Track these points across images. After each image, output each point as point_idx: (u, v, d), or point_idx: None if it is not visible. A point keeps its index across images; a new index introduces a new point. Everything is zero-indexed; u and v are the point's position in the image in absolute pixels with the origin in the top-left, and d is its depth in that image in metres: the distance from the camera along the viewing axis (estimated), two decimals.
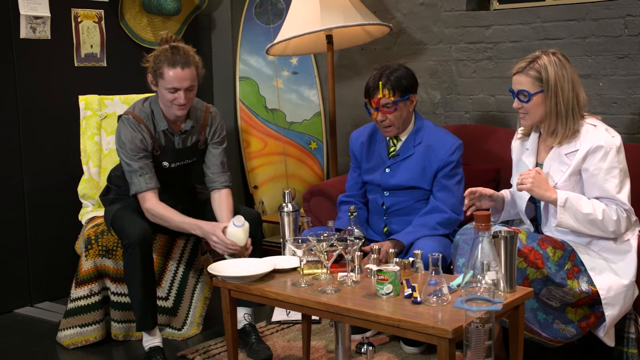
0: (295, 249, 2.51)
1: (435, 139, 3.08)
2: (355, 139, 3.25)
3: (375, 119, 3.03)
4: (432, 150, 3.05)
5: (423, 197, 3.10)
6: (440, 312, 2.18)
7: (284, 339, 3.26)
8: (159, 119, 3.07)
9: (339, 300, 2.33)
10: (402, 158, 3.09)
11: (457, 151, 3.06)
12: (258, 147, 4.61)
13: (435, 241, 2.94)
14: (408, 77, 3.04)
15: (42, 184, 3.91)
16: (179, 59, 2.96)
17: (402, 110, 3.03)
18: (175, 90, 2.97)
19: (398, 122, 3.04)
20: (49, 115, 3.92)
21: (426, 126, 3.12)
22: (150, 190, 3.01)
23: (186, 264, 3.46)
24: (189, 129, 3.12)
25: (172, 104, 3.00)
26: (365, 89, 3.05)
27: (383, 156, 3.13)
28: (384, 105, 3.01)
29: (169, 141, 3.11)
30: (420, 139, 3.09)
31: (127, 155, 3.02)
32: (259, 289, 2.51)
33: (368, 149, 3.19)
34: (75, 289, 3.29)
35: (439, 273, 2.25)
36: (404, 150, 3.10)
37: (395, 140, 3.12)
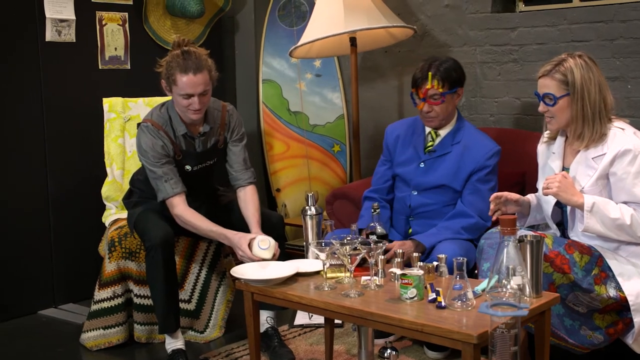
0: (318, 253, 2.51)
1: (474, 140, 3.07)
2: (390, 131, 3.25)
3: (421, 109, 3.04)
4: (470, 151, 3.04)
5: (451, 201, 3.09)
6: (464, 317, 2.17)
7: (307, 342, 3.26)
8: (177, 124, 3.08)
9: (362, 304, 2.33)
10: (438, 155, 3.08)
11: (495, 157, 3.04)
12: (281, 149, 4.62)
13: (458, 245, 2.93)
14: (457, 69, 3.06)
15: (66, 186, 3.95)
16: (191, 64, 2.94)
17: (449, 103, 3.04)
18: (189, 96, 2.97)
19: (443, 115, 3.04)
20: (73, 118, 3.96)
21: (467, 127, 3.12)
22: (177, 195, 3.02)
23: (209, 266, 3.48)
24: (207, 130, 3.13)
25: (187, 109, 3.00)
26: (412, 80, 3.06)
27: (419, 150, 3.13)
28: (432, 96, 3.01)
29: (189, 145, 3.12)
30: (459, 138, 3.08)
31: (150, 162, 3.04)
32: (282, 292, 2.51)
33: (404, 142, 3.18)
34: (99, 291, 3.32)
35: (463, 277, 2.24)
36: (442, 147, 3.09)
37: (434, 135, 3.11)
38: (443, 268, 2.58)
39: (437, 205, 3.10)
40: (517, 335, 1.99)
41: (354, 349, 3.13)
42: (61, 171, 3.93)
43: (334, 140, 4.60)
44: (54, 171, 3.91)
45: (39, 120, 3.85)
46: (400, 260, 2.59)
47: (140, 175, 3.26)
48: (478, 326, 2.09)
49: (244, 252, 2.85)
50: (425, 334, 2.16)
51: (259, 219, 3.07)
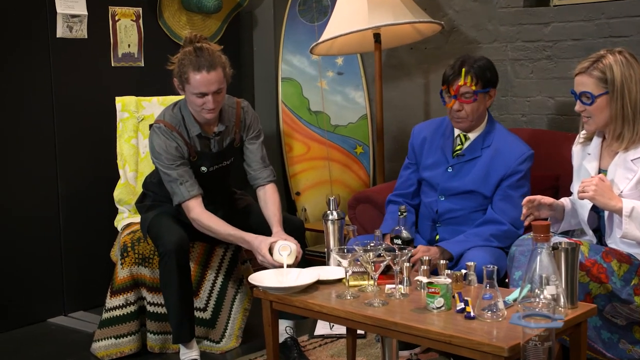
0: (340, 259, 2.51)
1: (505, 144, 3.05)
2: (417, 132, 3.24)
3: (451, 108, 3.02)
4: (501, 155, 3.03)
5: (481, 207, 3.08)
6: (495, 329, 2.16)
7: (327, 353, 3.26)
8: (190, 124, 3.09)
9: (386, 314, 2.33)
10: (467, 159, 3.07)
11: (527, 161, 3.03)
12: (301, 151, 4.63)
13: (487, 252, 2.91)
14: (491, 69, 3.05)
15: (77, 189, 3.98)
16: (204, 62, 2.94)
17: (480, 103, 3.03)
18: (203, 95, 2.98)
19: (473, 115, 3.03)
20: (84, 117, 3.99)
21: (497, 129, 3.10)
22: (193, 198, 3.03)
23: (225, 273, 3.49)
24: (222, 130, 3.14)
25: (201, 108, 3.01)
26: (443, 77, 3.06)
27: (447, 154, 3.12)
28: (463, 94, 3.01)
29: (204, 145, 3.13)
30: (489, 141, 3.07)
31: (164, 165, 3.05)
32: (302, 300, 2.51)
33: (431, 144, 3.17)
34: (111, 298, 3.34)
35: (494, 286, 2.23)
36: (471, 150, 3.08)
37: (463, 138, 3.10)
38: (472, 276, 2.56)
39: (465, 211, 3.09)
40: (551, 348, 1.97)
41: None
42: (72, 173, 3.96)
43: (357, 141, 4.60)
44: (65, 173, 3.94)
45: (49, 120, 3.89)
46: (426, 267, 2.58)
47: (153, 178, 3.28)
48: (509, 338, 2.07)
49: (264, 256, 2.85)
50: (453, 346, 2.15)
51: (280, 218, 3.07)
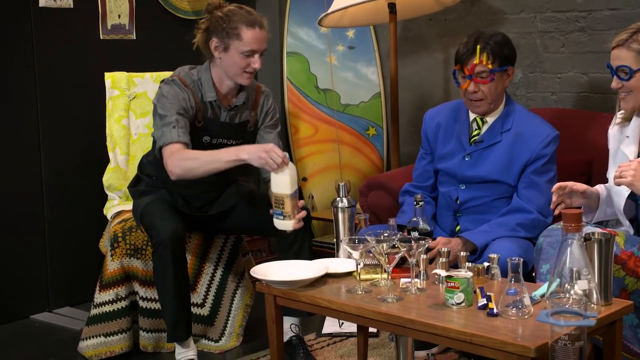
0: (350, 251, 2.51)
1: (527, 126, 3.04)
2: (430, 118, 3.24)
3: (466, 89, 3.02)
4: (523, 139, 3.02)
5: (505, 194, 3.07)
6: (520, 327, 2.16)
7: (337, 354, 3.27)
8: (207, 89, 3.14)
9: (401, 310, 2.33)
10: (485, 145, 3.07)
11: (552, 144, 3.02)
12: (308, 133, 4.63)
13: (514, 243, 2.91)
14: (508, 45, 3.05)
15: (63, 174, 3.99)
16: (257, 19, 3.08)
17: (498, 83, 3.02)
18: (252, 53, 3.06)
19: (491, 97, 3.02)
20: (70, 95, 3.99)
21: (517, 111, 3.09)
22: (180, 144, 2.99)
23: (225, 266, 3.50)
24: (240, 104, 3.19)
25: (244, 70, 3.08)
26: (456, 55, 3.05)
27: (463, 141, 3.11)
28: (479, 74, 2.99)
29: (214, 114, 3.17)
30: (509, 124, 3.06)
31: (164, 107, 3.05)
32: (309, 295, 2.52)
33: (445, 131, 3.17)
34: (100, 292, 3.35)
35: (519, 281, 2.23)
36: (490, 136, 3.07)
37: (480, 122, 3.09)
38: (495, 270, 2.56)
39: (488, 197, 3.09)
40: (582, 349, 1.97)
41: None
42: (57, 157, 3.97)
43: (369, 122, 4.59)
44: (49, 157, 3.95)
45: (31, 99, 3.88)
46: (445, 260, 2.59)
47: (150, 157, 3.29)
48: (536, 337, 2.07)
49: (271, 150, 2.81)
50: (473, 346, 2.15)
51: None
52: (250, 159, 2.88)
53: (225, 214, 3.26)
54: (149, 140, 3.74)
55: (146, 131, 3.78)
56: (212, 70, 3.15)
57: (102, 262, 3.43)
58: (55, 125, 3.95)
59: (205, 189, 3.19)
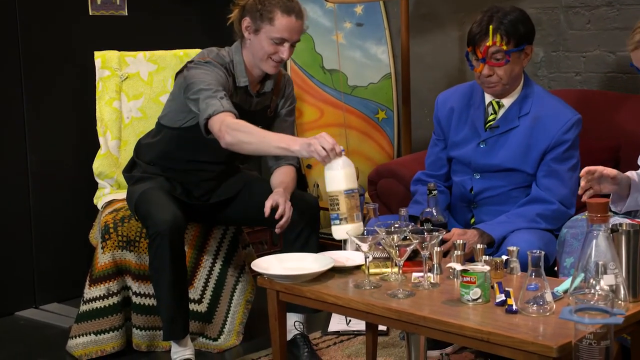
0: (359, 243, 2.51)
1: (547, 109, 3.03)
2: (442, 102, 3.23)
3: (480, 72, 3.00)
4: (542, 124, 3.01)
5: (524, 183, 3.07)
6: (542, 325, 2.16)
7: (344, 353, 3.27)
8: (239, 73, 3.15)
9: (413, 307, 2.33)
10: (502, 131, 3.06)
11: (574, 128, 3.00)
12: (313, 116, 4.62)
13: (535, 235, 2.91)
14: (525, 22, 3.02)
15: (50, 161, 3.99)
16: (295, 7, 3.08)
17: (515, 64, 3.00)
18: (282, 41, 3.07)
19: (507, 79, 3.01)
20: (57, 76, 3.99)
21: (536, 93, 3.08)
22: (231, 113, 2.91)
23: (224, 259, 3.50)
24: (269, 90, 3.21)
25: (270, 58, 3.09)
26: (468, 36, 3.03)
27: (478, 127, 3.11)
28: (493, 56, 2.98)
29: (244, 101, 3.17)
30: (527, 108, 3.05)
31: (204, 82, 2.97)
32: (314, 291, 2.52)
33: (459, 116, 3.16)
34: (90, 288, 3.36)
35: (540, 275, 2.22)
36: (506, 120, 3.06)
37: (496, 106, 3.08)
38: (514, 263, 2.56)
39: (505, 187, 3.09)
40: (609, 348, 1.97)
41: None
42: (43, 143, 3.97)
43: (379, 105, 4.59)
44: (35, 143, 3.95)
45: (15, 79, 3.88)
46: (460, 253, 2.58)
47: (150, 138, 3.28)
48: (559, 336, 2.07)
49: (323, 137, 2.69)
50: (491, 345, 2.15)
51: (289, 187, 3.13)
52: (300, 150, 2.76)
53: (227, 202, 3.26)
54: (142, 125, 3.74)
55: (139, 115, 3.78)
56: (244, 52, 3.16)
57: (92, 255, 3.43)
58: (41, 109, 3.95)
59: (206, 177, 3.19)
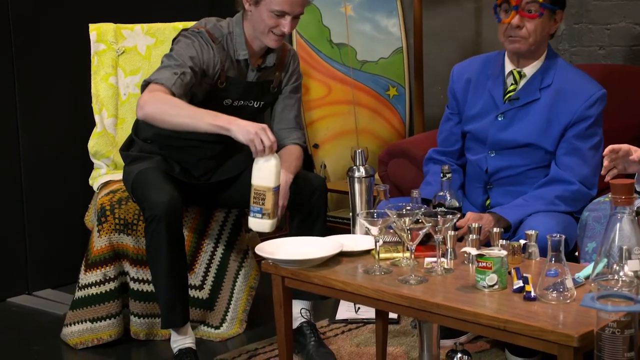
0: (368, 226, 2.51)
1: (570, 83, 3.02)
2: (458, 74, 3.23)
3: (509, 23, 2.98)
4: (565, 98, 3.00)
5: (542, 162, 3.06)
6: (562, 312, 2.16)
7: (352, 342, 3.28)
8: (239, 45, 3.15)
9: (425, 293, 2.33)
10: (522, 103, 3.05)
11: (599, 104, 2.99)
12: (320, 93, 4.62)
13: (554, 218, 2.90)
14: None
15: (43, 140, 3.99)
16: None
17: (545, 25, 3.00)
18: (282, 14, 3.06)
19: (534, 37, 2.99)
20: (49, 50, 3.98)
21: (559, 65, 3.07)
22: (169, 90, 2.95)
23: (226, 243, 3.51)
24: (271, 65, 3.21)
25: (271, 31, 3.09)
26: None
27: (497, 98, 3.10)
28: (527, 6, 2.97)
29: (240, 72, 3.18)
30: (549, 80, 3.04)
31: (177, 54, 3.00)
32: (322, 276, 2.52)
33: (476, 88, 3.16)
34: (85, 273, 3.37)
35: (560, 260, 2.22)
36: (527, 92, 3.05)
37: (517, 76, 3.07)
38: (533, 248, 2.56)
39: (523, 167, 3.08)
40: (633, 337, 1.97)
41: (414, 351, 3.14)
42: (35, 121, 3.97)
43: (390, 81, 4.58)
44: (27, 121, 3.95)
45: (6, 54, 3.88)
46: (476, 237, 2.58)
47: None
48: (580, 324, 2.07)
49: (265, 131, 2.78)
50: (508, 333, 2.15)
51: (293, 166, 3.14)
52: (237, 132, 2.80)
53: (229, 183, 3.26)
54: None
55: (137, 91, 3.77)
56: (245, 24, 3.16)
57: (88, 239, 3.44)
58: (33, 85, 3.95)
59: (205, 155, 3.18)
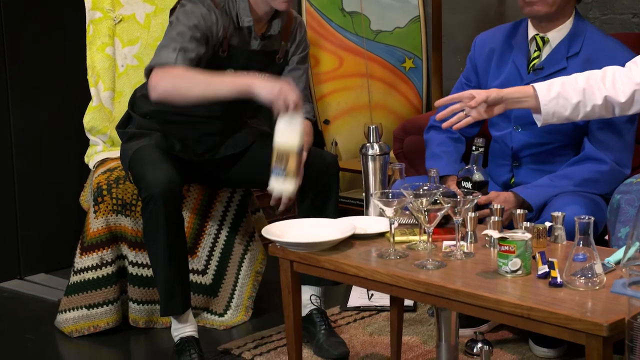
0: (383, 207, 2.51)
1: (601, 51, 3.01)
2: (480, 44, 3.23)
3: None
4: (594, 67, 2.97)
5: (573, 138, 3.06)
6: (590, 300, 2.16)
7: (365, 331, 3.28)
8: (243, 11, 3.14)
9: (443, 279, 2.33)
10: (547, 73, 3.04)
11: None
12: (330, 65, 4.61)
13: (582, 199, 2.90)
14: None
15: (34, 115, 3.99)
16: None
17: None
18: None
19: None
20: (41, 19, 3.98)
21: (589, 32, 3.06)
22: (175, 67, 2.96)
23: (231, 225, 3.51)
24: (276, 33, 3.21)
25: None
26: None
27: (520, 69, 3.09)
28: None
29: (244, 40, 3.17)
30: (577, 47, 3.03)
31: (179, 26, 3.00)
32: (333, 260, 2.52)
33: (499, 59, 3.15)
34: (81, 257, 3.37)
35: (589, 244, 2.22)
36: (552, 61, 3.04)
37: (540, 42, 3.06)
38: (560, 231, 2.56)
39: (551, 145, 3.07)
40: None
41: (431, 341, 3.15)
42: (27, 94, 3.97)
43: (406, 52, 4.56)
44: (18, 94, 3.95)
45: None
46: (498, 219, 2.57)
47: (144, 91, 3.28)
48: (610, 312, 2.07)
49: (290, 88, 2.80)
50: (532, 322, 2.15)
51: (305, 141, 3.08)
52: (261, 89, 2.80)
53: (233, 161, 3.25)
54: (138, 74, 3.73)
55: (135, 62, 3.76)
56: None
57: (84, 221, 3.44)
58: (23, 57, 3.94)
59: (207, 131, 3.17)
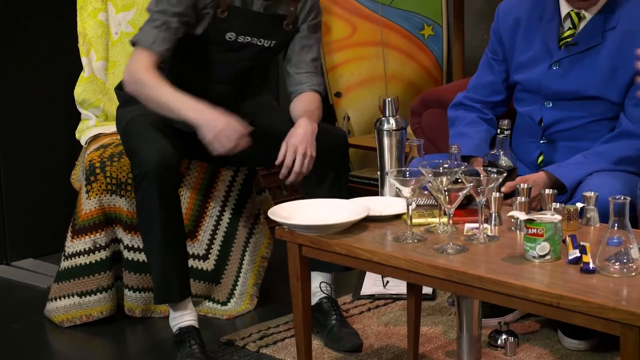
0: (400, 187, 2.51)
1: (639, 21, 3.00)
2: (504, 12, 3.22)
3: None
4: (634, 40, 2.96)
5: (607, 114, 3.05)
6: (625, 287, 2.15)
7: (380, 321, 3.29)
8: None
9: (465, 265, 2.33)
10: (582, 49, 3.04)
11: None
12: (343, 33, 4.61)
13: (618, 179, 2.90)
14: None
15: (21, 86, 4.00)
16: None
17: None
18: None
19: None
20: None
21: (627, 2, 3.04)
22: (152, 52, 3.03)
23: (234, 206, 3.52)
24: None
25: None
26: None
27: (550, 44, 3.08)
28: None
29: (245, 2, 3.16)
30: (614, 21, 3.02)
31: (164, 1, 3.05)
32: (345, 244, 2.52)
33: (527, 30, 3.14)
34: (72, 240, 3.38)
35: (625, 227, 2.22)
36: (587, 36, 3.03)
37: (575, 19, 3.05)
38: (592, 212, 2.56)
39: (584, 119, 3.08)
40: None
41: (451, 331, 3.15)
42: (11, 65, 3.98)
43: (424, 18, 4.56)
44: (2, 65, 3.95)
45: None
46: (525, 199, 2.57)
47: None
48: None
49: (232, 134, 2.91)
50: (562, 311, 2.15)
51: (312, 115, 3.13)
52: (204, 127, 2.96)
53: None
54: None
55: (130, 29, 3.76)
56: None
57: (75, 201, 3.45)
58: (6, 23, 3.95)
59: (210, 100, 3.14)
